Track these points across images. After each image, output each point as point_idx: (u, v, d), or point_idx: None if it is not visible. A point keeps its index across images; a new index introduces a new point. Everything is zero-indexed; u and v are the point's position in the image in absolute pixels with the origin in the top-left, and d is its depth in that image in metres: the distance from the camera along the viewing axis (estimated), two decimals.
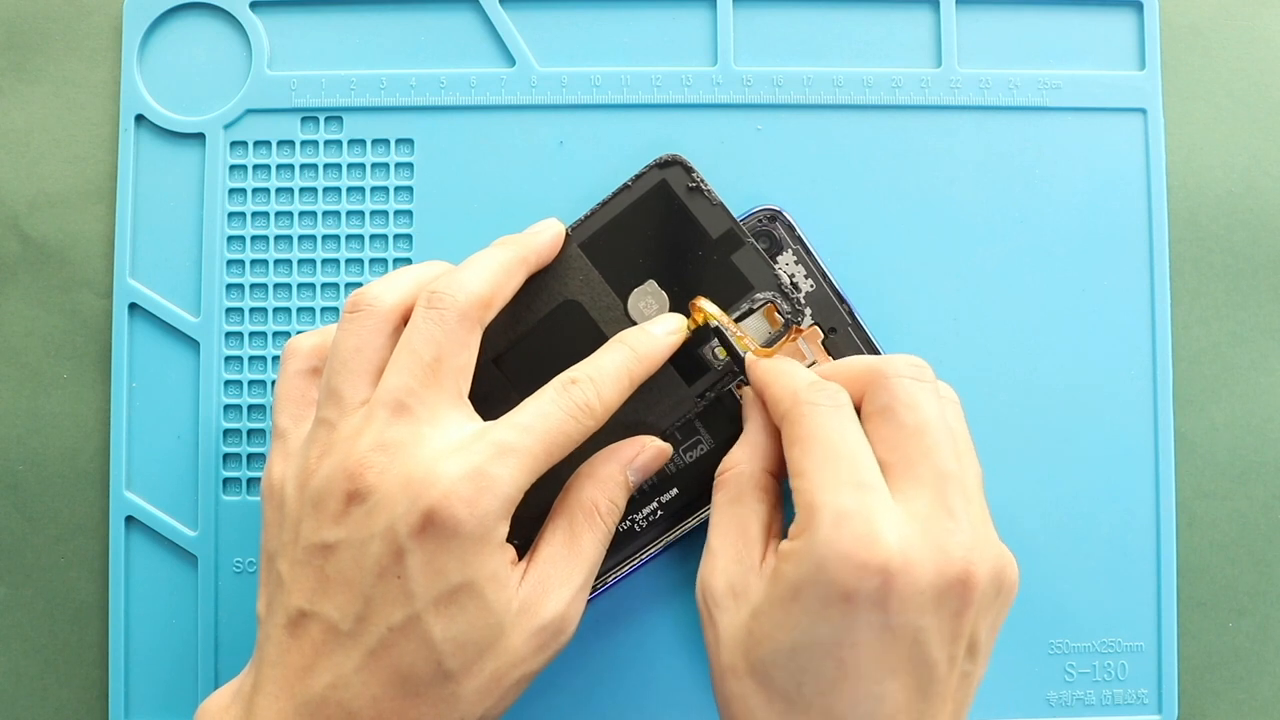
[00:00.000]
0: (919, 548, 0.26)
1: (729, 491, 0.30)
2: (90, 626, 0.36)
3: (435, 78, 0.37)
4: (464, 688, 0.27)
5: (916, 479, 0.27)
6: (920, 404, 0.28)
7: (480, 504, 0.27)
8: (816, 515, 0.26)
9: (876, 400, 0.28)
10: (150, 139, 0.37)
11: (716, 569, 0.29)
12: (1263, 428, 0.37)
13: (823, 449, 0.27)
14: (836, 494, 0.26)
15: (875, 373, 0.29)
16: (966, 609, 0.26)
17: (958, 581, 0.26)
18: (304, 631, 0.27)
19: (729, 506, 0.30)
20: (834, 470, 0.27)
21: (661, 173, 0.33)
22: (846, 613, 0.25)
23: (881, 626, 0.25)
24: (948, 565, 0.26)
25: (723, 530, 0.30)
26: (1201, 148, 0.37)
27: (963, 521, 0.27)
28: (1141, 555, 0.36)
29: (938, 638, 0.26)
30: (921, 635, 0.26)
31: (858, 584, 0.25)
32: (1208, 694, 0.36)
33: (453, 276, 0.29)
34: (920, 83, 0.37)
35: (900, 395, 0.28)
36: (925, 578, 0.25)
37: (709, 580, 0.29)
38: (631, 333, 0.31)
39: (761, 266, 0.33)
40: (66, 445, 0.37)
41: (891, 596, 0.25)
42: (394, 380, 0.28)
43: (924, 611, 0.26)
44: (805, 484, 0.27)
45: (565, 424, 0.28)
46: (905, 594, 0.25)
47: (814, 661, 0.26)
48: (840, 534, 0.25)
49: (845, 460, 0.27)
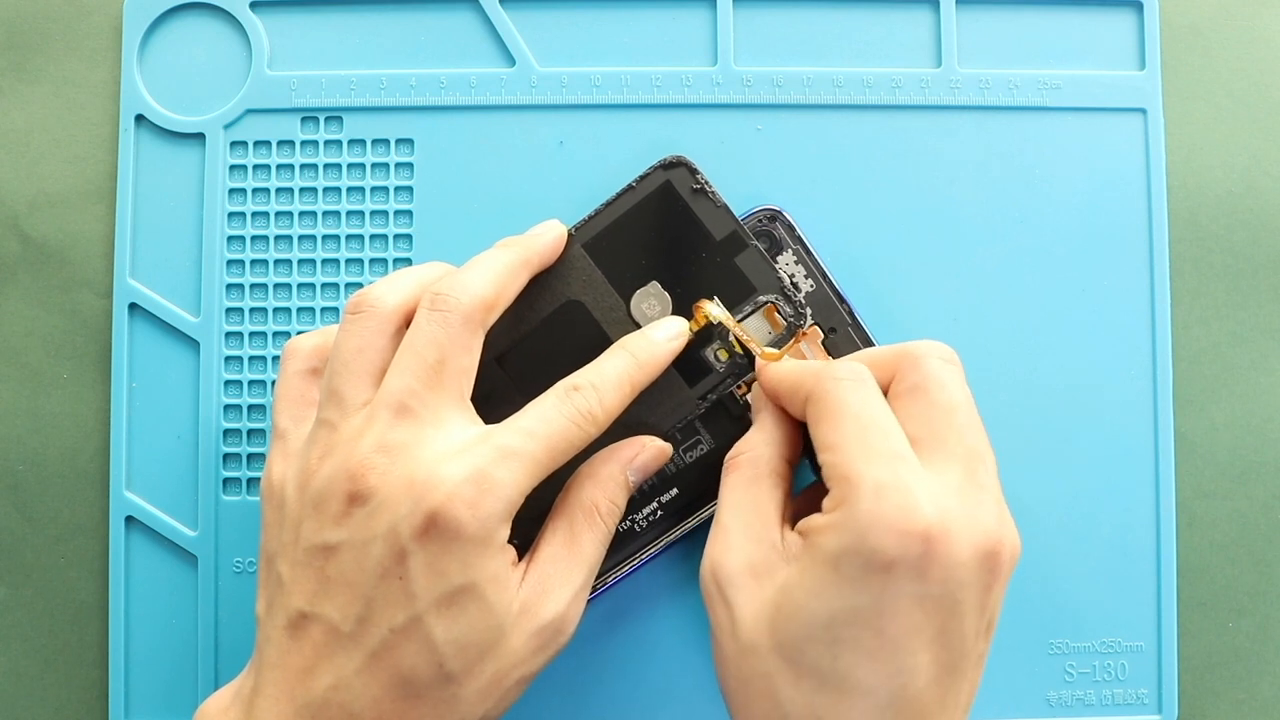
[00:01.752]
0: (956, 517, 0.26)
1: (745, 472, 0.30)
2: (90, 626, 0.36)
3: (435, 78, 0.37)
4: (465, 689, 0.27)
5: (949, 453, 0.27)
6: (952, 384, 0.28)
7: (483, 507, 0.27)
8: (856, 485, 0.26)
9: (908, 379, 0.28)
10: (150, 139, 0.37)
11: (731, 546, 0.28)
12: (1263, 428, 0.37)
13: (854, 421, 0.27)
14: (874, 464, 0.26)
15: (907, 354, 0.29)
16: (995, 583, 0.27)
17: (991, 554, 0.26)
18: (304, 633, 0.27)
19: (745, 487, 0.29)
20: (868, 442, 0.27)
21: (666, 174, 0.33)
22: (887, 582, 0.25)
23: (920, 596, 0.25)
24: (983, 537, 0.26)
25: (737, 510, 0.29)
26: (1201, 148, 0.37)
27: (990, 496, 0.27)
28: (1141, 555, 0.36)
29: (970, 610, 0.26)
30: (957, 608, 0.26)
31: (900, 551, 0.25)
32: (1208, 694, 0.36)
33: (456, 278, 0.29)
34: (920, 83, 0.37)
35: (933, 374, 0.28)
36: (963, 547, 0.26)
37: (721, 559, 0.28)
38: (634, 338, 0.31)
39: (765, 269, 0.33)
40: (66, 445, 0.37)
41: (932, 564, 0.25)
42: (396, 382, 0.28)
43: (961, 583, 0.26)
44: (839, 457, 0.27)
45: (568, 430, 0.28)
46: (945, 563, 0.25)
47: (851, 632, 0.26)
48: (881, 503, 0.25)
49: (877, 431, 0.27)
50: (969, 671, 0.27)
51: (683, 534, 0.34)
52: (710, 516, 0.34)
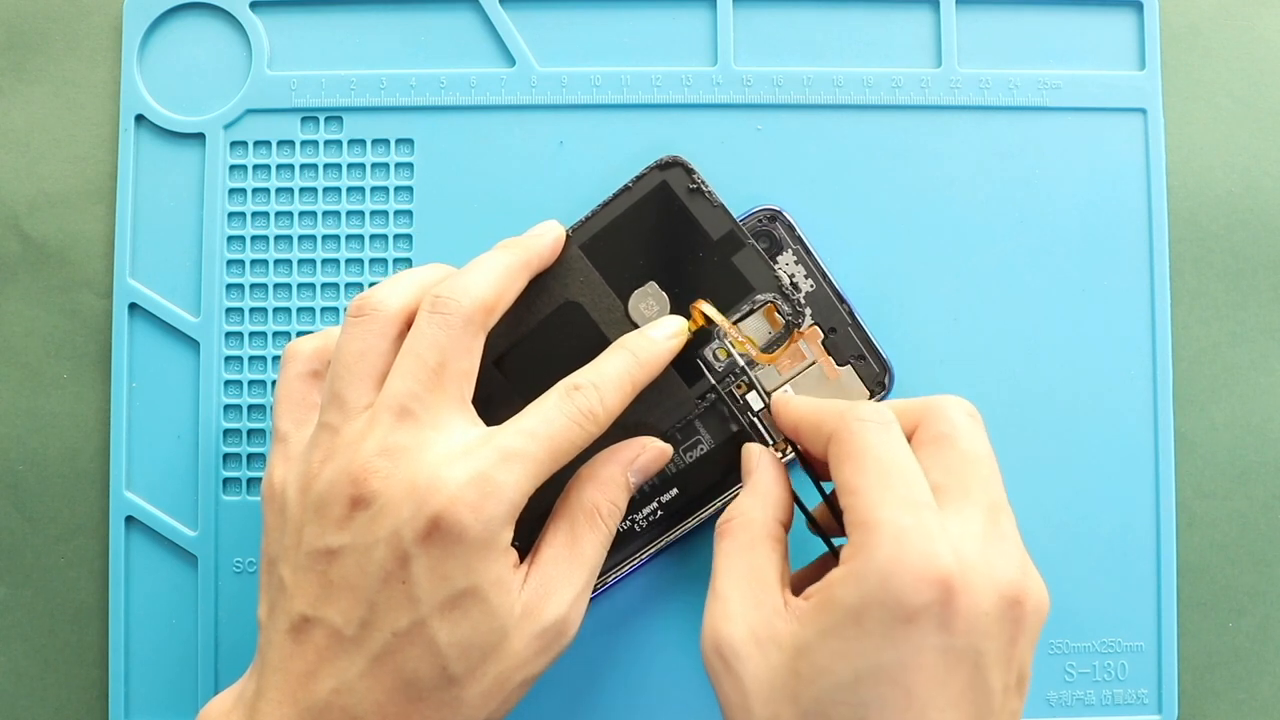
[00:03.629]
0: (977, 566, 0.25)
1: (739, 539, 0.29)
2: (90, 626, 0.36)
3: (435, 78, 0.37)
4: (468, 691, 0.27)
5: (972, 502, 0.27)
6: (978, 438, 0.28)
7: (485, 510, 0.27)
8: (876, 532, 0.25)
9: (933, 428, 0.28)
10: (150, 139, 0.37)
11: (732, 615, 0.27)
12: (1263, 428, 0.37)
13: (876, 465, 0.27)
14: (895, 511, 0.26)
15: (933, 404, 0.29)
16: (1020, 635, 0.26)
17: (1015, 603, 0.26)
18: (307, 637, 0.27)
19: (741, 554, 0.29)
20: (890, 487, 0.26)
21: (662, 174, 0.33)
22: (911, 634, 0.25)
23: (945, 649, 0.25)
24: (1005, 585, 0.25)
25: (733, 577, 0.28)
26: (1201, 148, 0.37)
27: (1013, 546, 0.26)
28: (1141, 555, 0.36)
29: (996, 663, 0.25)
30: (982, 660, 0.25)
31: (921, 600, 0.24)
32: (1208, 694, 0.36)
33: (456, 280, 0.29)
34: (920, 83, 0.37)
35: (959, 424, 0.28)
36: (986, 597, 0.25)
37: (723, 629, 0.27)
38: (633, 337, 0.31)
39: (762, 268, 0.33)
40: (66, 445, 0.37)
41: (955, 616, 0.25)
42: (398, 385, 0.28)
43: (985, 634, 0.25)
44: (860, 501, 0.26)
45: (569, 430, 0.28)
46: (967, 613, 0.25)
47: (879, 690, 0.25)
48: (903, 550, 0.25)
49: (899, 477, 0.26)
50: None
51: (683, 534, 0.34)
52: (710, 517, 0.34)
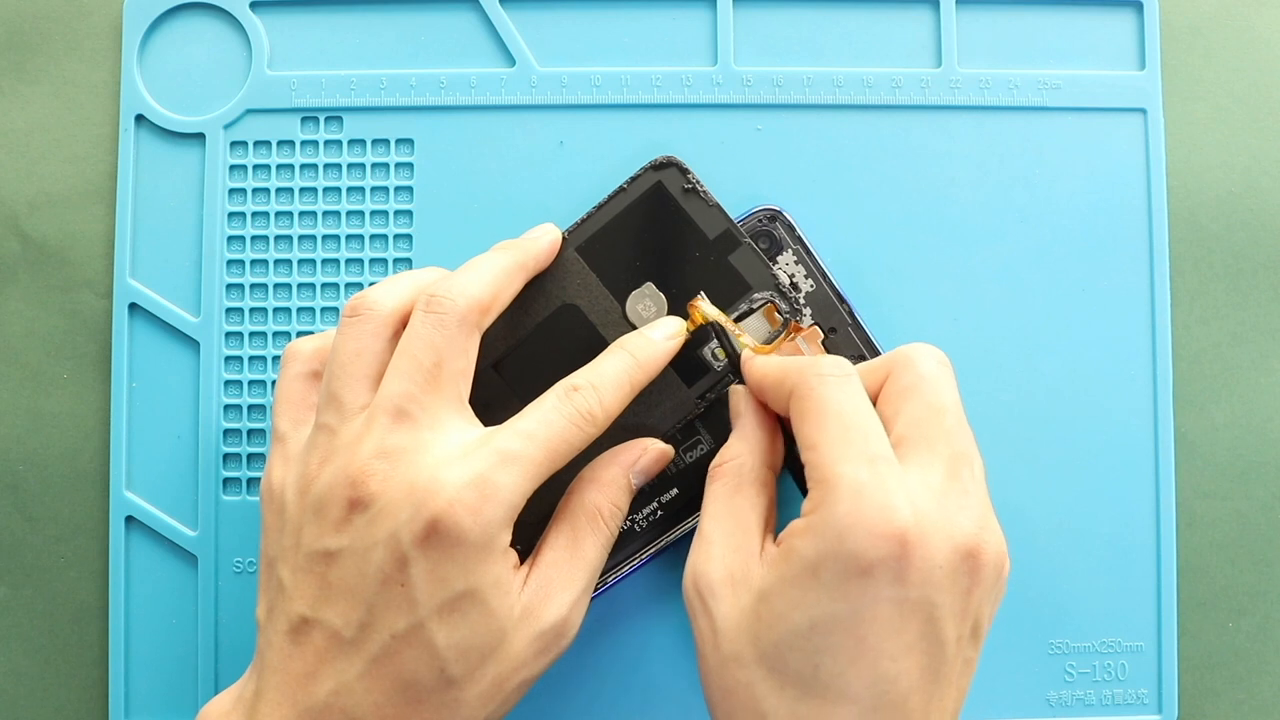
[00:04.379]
0: (934, 519, 0.26)
1: (728, 482, 0.30)
2: (90, 626, 0.36)
3: (435, 78, 0.37)
4: (467, 693, 0.27)
5: (934, 454, 0.27)
6: (944, 387, 0.29)
7: (484, 512, 0.27)
8: (834, 488, 0.26)
9: (901, 379, 0.29)
10: (150, 139, 0.37)
11: (713, 556, 0.28)
12: (1263, 428, 0.37)
13: (835, 421, 0.27)
14: (853, 466, 0.26)
15: (901, 355, 0.29)
16: (975, 587, 0.27)
17: (969, 556, 0.26)
18: (306, 638, 0.27)
19: (727, 497, 0.30)
20: (849, 441, 0.27)
21: (657, 174, 0.33)
22: (866, 586, 0.25)
23: (899, 600, 0.25)
24: (961, 539, 0.26)
25: (719, 519, 0.29)
26: (1201, 148, 0.37)
27: (974, 499, 0.27)
28: (1141, 555, 0.36)
29: (949, 615, 0.26)
30: (935, 612, 0.26)
31: (878, 555, 0.25)
32: (1208, 694, 0.36)
33: (451, 281, 0.29)
34: (920, 83, 0.37)
35: (926, 375, 0.29)
36: (940, 550, 0.26)
37: (702, 568, 0.28)
38: (631, 338, 0.31)
39: (759, 266, 0.33)
40: (66, 445, 0.37)
41: (909, 568, 0.25)
42: (394, 386, 0.28)
43: (939, 586, 0.26)
44: (819, 457, 0.27)
45: (568, 431, 0.28)
46: (922, 566, 0.25)
47: (832, 639, 0.26)
48: (859, 505, 0.26)
49: (858, 431, 0.27)
50: (954, 678, 0.27)
51: (683, 534, 0.34)
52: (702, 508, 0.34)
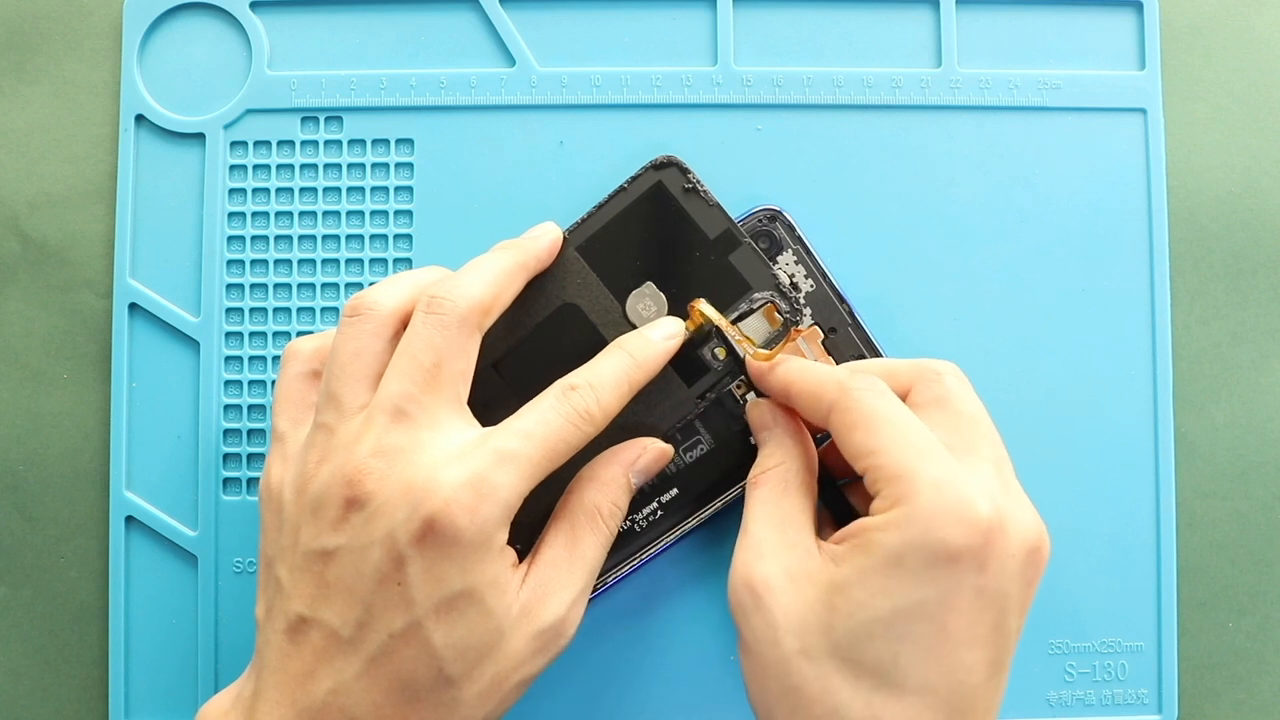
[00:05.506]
0: (1008, 512, 0.27)
1: (774, 487, 0.30)
2: (90, 626, 0.36)
3: (435, 78, 0.37)
4: (465, 692, 0.27)
5: (980, 458, 0.28)
6: (972, 397, 0.29)
7: (481, 511, 0.27)
8: (913, 481, 0.26)
9: (928, 391, 0.29)
10: (150, 139, 0.37)
11: (764, 554, 0.28)
12: (1263, 428, 0.37)
13: (891, 425, 0.27)
14: (926, 461, 0.27)
15: (925, 368, 0.30)
16: (1035, 579, 0.27)
17: (1035, 550, 0.27)
18: (304, 638, 0.27)
19: (774, 500, 0.30)
20: (914, 442, 0.27)
21: (657, 174, 0.33)
22: (950, 573, 0.26)
23: (979, 589, 0.26)
24: (1027, 533, 0.27)
25: (767, 521, 0.29)
26: (1201, 148, 0.37)
27: (1025, 499, 0.28)
28: (1141, 555, 0.36)
29: (1015, 607, 0.27)
30: (1007, 603, 0.26)
31: (964, 542, 0.26)
32: (1208, 694, 0.36)
33: (452, 281, 0.29)
34: (920, 83, 0.37)
35: (953, 388, 0.29)
36: (1014, 542, 0.26)
37: (754, 567, 0.28)
38: (630, 338, 0.31)
39: (759, 266, 0.33)
40: (66, 445, 0.37)
41: (990, 557, 0.26)
42: (393, 386, 0.28)
43: (1012, 577, 0.26)
44: (885, 459, 0.27)
45: (565, 430, 0.28)
46: (1001, 556, 0.26)
47: (915, 626, 0.26)
48: (943, 495, 0.26)
49: (918, 434, 0.27)
50: (1008, 671, 0.27)
51: (683, 534, 0.34)
52: (711, 516, 0.34)
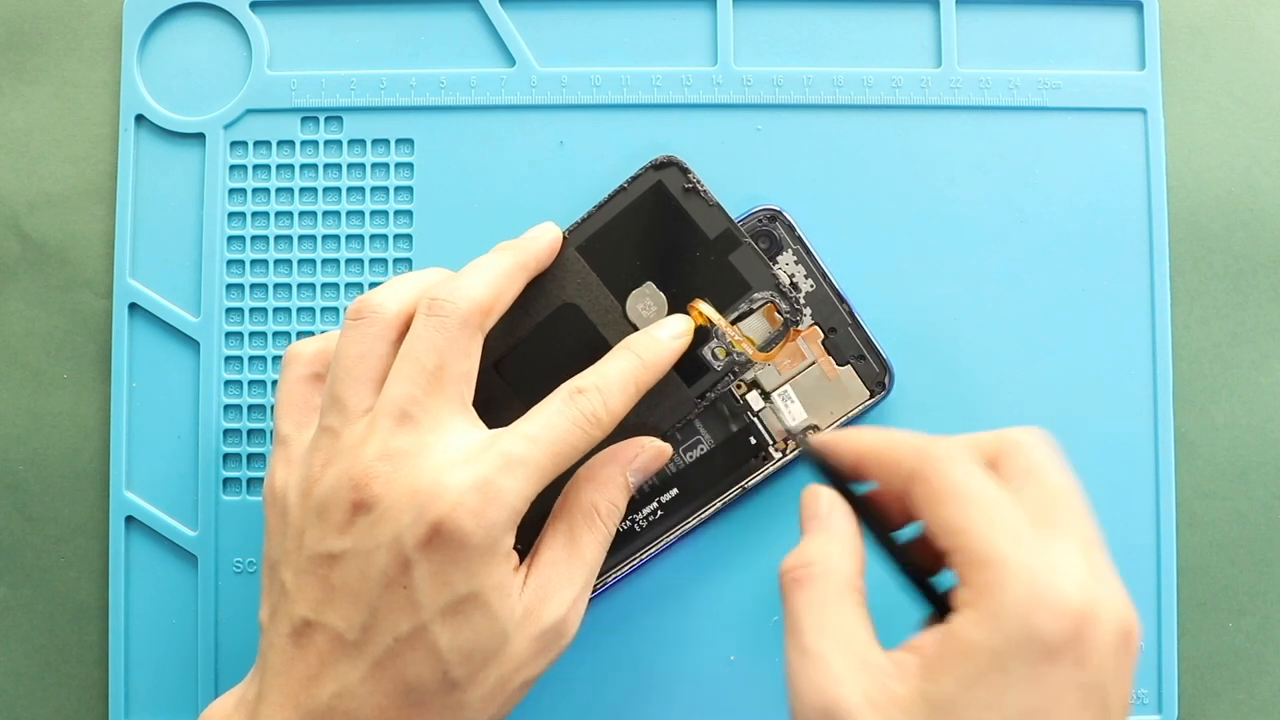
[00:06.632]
0: (1099, 598, 0.24)
1: (824, 589, 0.26)
2: (90, 626, 0.36)
3: (435, 78, 0.37)
4: (469, 695, 0.27)
5: (1069, 537, 0.25)
6: (1062, 469, 0.27)
7: (488, 516, 0.27)
8: (1002, 570, 0.24)
9: (1018, 462, 0.27)
10: (150, 139, 0.37)
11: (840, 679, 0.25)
12: (1263, 428, 0.37)
13: (978, 504, 0.25)
14: (1014, 547, 0.24)
15: (1012, 438, 0.28)
16: (1130, 666, 0.25)
17: (1127, 634, 0.25)
18: (309, 641, 0.27)
19: (829, 608, 0.26)
20: (1003, 524, 0.25)
21: (657, 174, 0.33)
22: (1054, 672, 0.24)
23: (1082, 685, 0.24)
24: (1120, 619, 0.25)
25: (827, 636, 0.26)
26: (1201, 148, 0.37)
27: (1115, 578, 0.26)
28: (1141, 555, 0.36)
29: (1116, 696, 0.25)
30: (1108, 696, 0.24)
31: (1062, 636, 0.24)
32: (1208, 694, 0.36)
33: (453, 283, 0.29)
34: (920, 83, 0.37)
35: (1044, 460, 0.27)
36: (1108, 629, 0.24)
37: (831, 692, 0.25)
38: (637, 339, 0.31)
39: (759, 266, 0.33)
40: (66, 445, 0.37)
41: (1088, 650, 0.24)
42: (397, 389, 0.28)
43: (1108, 669, 0.24)
44: (972, 540, 0.25)
45: (572, 434, 0.28)
46: (1097, 646, 0.24)
47: None
48: (1035, 585, 0.24)
49: (1007, 512, 0.25)
50: None
51: (682, 534, 0.34)
52: (710, 516, 0.34)
